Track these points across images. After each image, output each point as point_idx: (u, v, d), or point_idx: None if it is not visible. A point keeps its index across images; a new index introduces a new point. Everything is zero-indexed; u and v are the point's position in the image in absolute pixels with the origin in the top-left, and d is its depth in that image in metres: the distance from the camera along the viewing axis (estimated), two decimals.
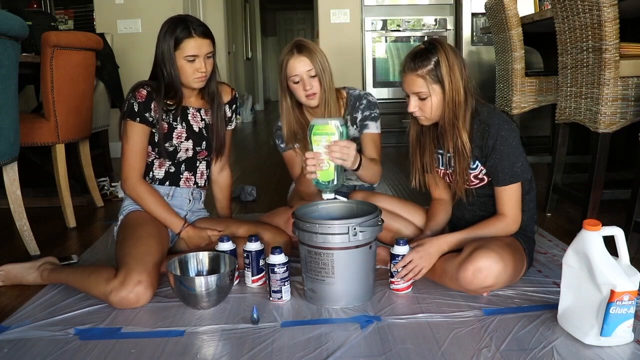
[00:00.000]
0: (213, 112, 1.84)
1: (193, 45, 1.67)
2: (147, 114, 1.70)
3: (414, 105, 1.58)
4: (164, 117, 1.74)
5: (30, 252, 2.04)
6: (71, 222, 2.45)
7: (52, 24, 3.26)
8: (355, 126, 1.93)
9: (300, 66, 1.77)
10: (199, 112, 1.83)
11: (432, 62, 1.52)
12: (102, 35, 3.56)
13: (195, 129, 1.81)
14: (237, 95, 1.94)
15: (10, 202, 2.01)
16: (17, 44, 1.93)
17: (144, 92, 1.70)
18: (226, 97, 1.89)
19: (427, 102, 1.55)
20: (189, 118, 1.80)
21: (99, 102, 3.38)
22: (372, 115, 1.91)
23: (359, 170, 1.66)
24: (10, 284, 1.73)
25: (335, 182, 1.59)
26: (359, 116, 1.92)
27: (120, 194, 2.97)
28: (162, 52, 1.68)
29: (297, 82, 1.79)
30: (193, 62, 1.68)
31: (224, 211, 2.03)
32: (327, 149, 1.54)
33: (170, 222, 1.77)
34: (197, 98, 1.83)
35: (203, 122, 1.83)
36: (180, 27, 1.66)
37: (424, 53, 1.54)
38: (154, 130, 1.75)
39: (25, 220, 2.03)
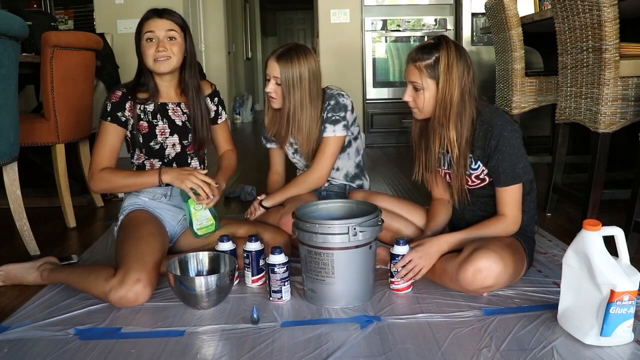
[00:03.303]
0: (190, 102, 1.81)
1: (150, 24, 1.72)
2: (119, 113, 1.73)
3: (408, 95, 1.61)
4: (142, 116, 1.76)
5: (30, 252, 2.04)
6: (71, 222, 2.44)
7: (52, 24, 3.26)
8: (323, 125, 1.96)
9: (271, 68, 1.89)
10: (179, 107, 1.83)
11: (432, 59, 1.53)
12: (102, 35, 3.56)
13: (178, 122, 1.81)
14: (217, 89, 1.96)
15: (10, 202, 2.01)
16: (17, 44, 1.93)
17: (119, 93, 1.74)
18: (207, 91, 1.90)
19: (420, 94, 1.57)
20: (170, 114, 1.80)
21: (99, 102, 3.34)
22: (334, 118, 1.93)
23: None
24: (10, 284, 1.73)
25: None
26: (324, 116, 1.94)
27: (120, 195, 2.97)
28: (135, 40, 1.75)
29: (268, 80, 1.92)
30: (152, 41, 1.71)
31: (221, 171, 1.91)
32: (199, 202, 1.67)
33: (148, 181, 1.72)
34: (176, 93, 1.83)
35: (185, 115, 1.83)
36: (146, 14, 1.73)
37: (428, 48, 1.56)
38: (134, 132, 1.75)
39: (25, 220, 2.03)
